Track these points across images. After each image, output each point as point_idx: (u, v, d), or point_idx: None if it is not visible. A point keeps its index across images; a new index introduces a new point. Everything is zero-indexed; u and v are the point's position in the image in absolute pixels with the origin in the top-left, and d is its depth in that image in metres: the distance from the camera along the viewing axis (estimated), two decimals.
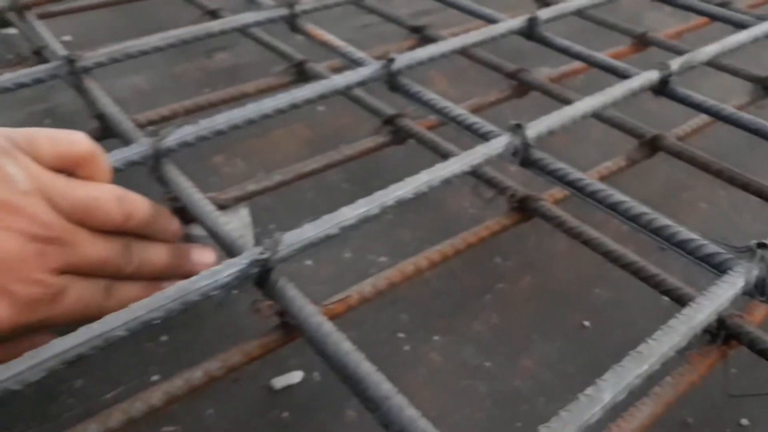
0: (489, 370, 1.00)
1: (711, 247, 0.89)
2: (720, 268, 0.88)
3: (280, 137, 1.53)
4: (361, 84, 1.27)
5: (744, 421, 0.95)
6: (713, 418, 0.95)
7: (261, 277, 0.81)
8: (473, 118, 1.17)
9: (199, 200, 0.96)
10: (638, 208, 0.96)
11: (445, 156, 1.24)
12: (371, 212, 0.90)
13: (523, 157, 1.08)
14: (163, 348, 1.01)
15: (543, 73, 1.63)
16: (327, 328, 0.77)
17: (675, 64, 1.31)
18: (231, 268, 0.79)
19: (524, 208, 1.15)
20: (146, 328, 0.74)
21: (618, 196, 0.98)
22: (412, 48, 1.57)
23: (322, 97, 1.21)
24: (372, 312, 1.04)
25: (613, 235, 1.04)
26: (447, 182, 1.00)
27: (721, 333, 0.91)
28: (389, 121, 1.40)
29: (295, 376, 0.97)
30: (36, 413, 0.92)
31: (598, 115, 1.34)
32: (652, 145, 1.37)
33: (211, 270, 0.78)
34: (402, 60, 1.34)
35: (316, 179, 1.25)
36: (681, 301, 0.99)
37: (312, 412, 0.93)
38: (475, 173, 1.19)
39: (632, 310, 1.12)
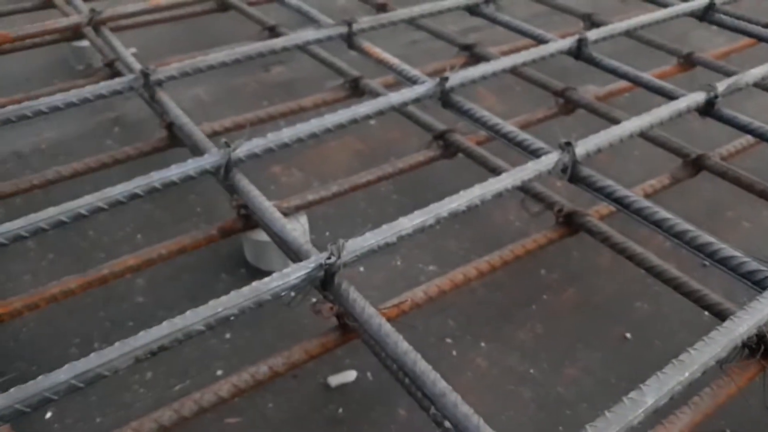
0: (533, 377, 1.05)
1: (753, 264, 0.93)
2: (761, 285, 0.91)
3: (333, 150, 1.61)
4: (416, 101, 1.33)
5: None
6: (751, 429, 0.98)
7: (325, 280, 0.88)
8: (523, 135, 1.22)
9: (267, 208, 1.03)
10: (682, 225, 1.00)
11: (493, 171, 1.30)
12: (427, 223, 0.96)
13: (572, 173, 1.13)
14: (227, 345, 1.09)
15: (590, 91, 1.67)
16: (387, 328, 0.83)
17: (721, 86, 1.34)
18: (300, 270, 0.85)
19: (570, 223, 1.20)
20: (221, 325, 0.81)
21: (663, 213, 1.02)
22: (461, 65, 1.63)
23: (380, 113, 1.27)
24: (422, 318, 1.10)
25: (656, 251, 1.08)
26: (498, 196, 1.05)
27: (760, 347, 0.95)
28: (440, 136, 1.46)
29: (350, 375, 1.03)
30: (111, 402, 1.00)
31: (644, 134, 1.38)
32: (696, 165, 1.40)
33: (281, 272, 0.85)
34: (455, 78, 1.40)
35: (367, 190, 1.32)
36: (721, 315, 1.02)
37: (365, 410, 1.00)
38: (523, 188, 1.25)
39: (672, 324, 1.15)
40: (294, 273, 0.85)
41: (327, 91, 1.57)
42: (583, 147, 1.12)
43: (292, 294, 0.85)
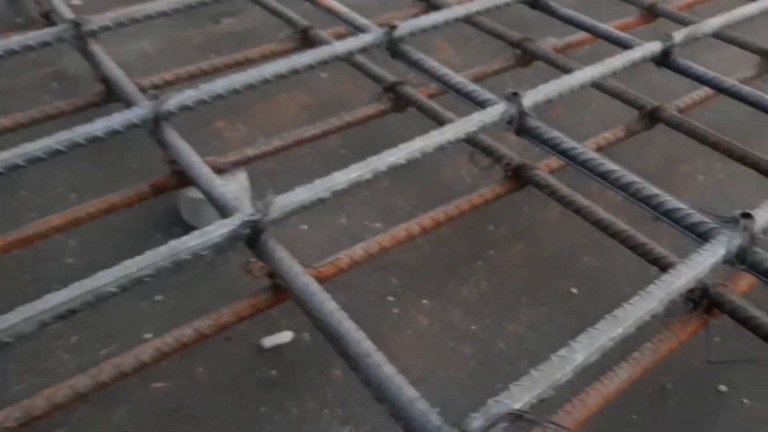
0: (475, 333, 1.02)
1: (697, 216, 0.90)
2: (704, 237, 0.88)
3: (281, 103, 1.55)
4: (363, 50, 1.27)
5: (722, 388, 0.97)
6: (692, 384, 0.97)
7: (252, 238, 0.84)
8: (472, 86, 1.17)
9: (196, 163, 0.98)
10: (628, 177, 0.96)
11: (444, 124, 1.26)
12: (363, 177, 0.92)
13: (519, 125, 1.09)
14: (157, 307, 1.05)
15: (549, 42, 1.62)
16: (313, 287, 0.79)
17: (678, 35, 1.30)
18: (222, 228, 0.81)
19: (518, 177, 1.16)
20: (137, 286, 0.77)
21: (609, 165, 0.98)
22: (417, 15, 1.57)
23: (323, 63, 1.21)
24: (364, 276, 1.06)
25: (607, 205, 1.05)
26: (441, 149, 1.01)
27: (703, 301, 0.93)
28: (390, 88, 1.40)
29: (285, 336, 1.00)
30: (32, 368, 0.95)
31: (598, 86, 1.34)
32: (652, 117, 1.37)
33: (202, 230, 0.81)
34: (405, 27, 1.33)
35: (315, 146, 1.27)
36: (666, 269, 1.00)
37: (300, 371, 0.96)
38: (472, 141, 1.20)
39: (620, 279, 1.13)
40: (216, 231, 0.80)
41: (276, 42, 1.51)
42: (531, 97, 1.08)
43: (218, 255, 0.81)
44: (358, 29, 1.36)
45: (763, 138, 1.23)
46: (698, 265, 0.80)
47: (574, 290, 1.11)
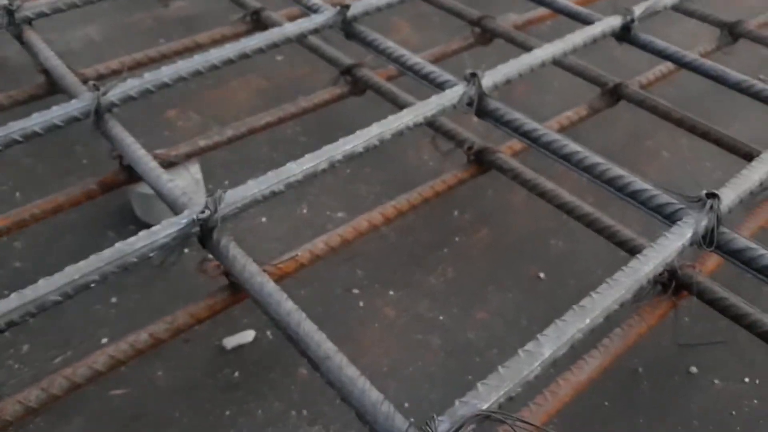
0: (443, 324, 1.00)
1: (662, 197, 0.88)
2: (671, 219, 0.87)
3: (235, 89, 1.49)
4: (315, 32, 1.22)
5: (693, 369, 0.96)
6: (663, 366, 0.96)
7: (204, 236, 0.80)
8: (430, 67, 1.13)
9: (143, 157, 0.93)
10: (592, 158, 0.94)
11: (403, 107, 1.22)
12: (319, 167, 0.88)
13: (479, 107, 1.05)
14: (113, 310, 1.00)
15: (510, 19, 1.59)
16: (269, 288, 0.75)
17: (638, 9, 1.28)
18: (170, 228, 0.76)
19: (481, 161, 1.13)
20: (82, 293, 0.72)
21: (572, 146, 0.96)
22: None
23: (274, 46, 1.16)
24: (327, 269, 1.03)
25: (573, 186, 1.03)
26: (399, 134, 0.97)
27: (671, 284, 0.92)
28: (347, 71, 1.35)
29: (248, 336, 0.96)
30: None
31: (559, 63, 1.31)
32: (615, 94, 1.35)
33: (149, 230, 0.76)
34: (358, 6, 1.28)
35: (273, 133, 1.22)
36: (634, 252, 0.98)
37: (263, 371, 0.93)
38: (433, 125, 1.17)
39: (588, 261, 1.11)
40: (164, 231, 0.76)
41: (227, 26, 1.45)
42: (490, 78, 1.04)
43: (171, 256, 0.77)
44: (310, 9, 1.31)
45: (726, 111, 1.22)
46: (665, 249, 0.79)
47: (542, 275, 1.09)
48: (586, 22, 1.32)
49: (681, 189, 1.23)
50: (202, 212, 0.77)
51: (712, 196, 0.83)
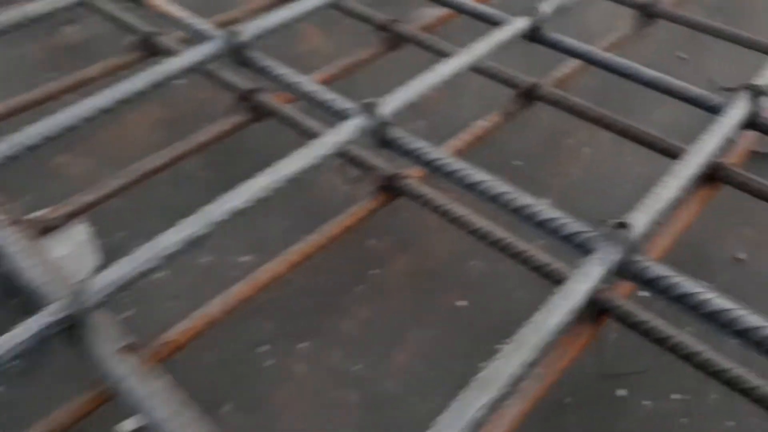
0: (359, 374, 0.93)
1: (572, 226, 0.82)
2: (584, 247, 0.82)
3: (131, 123, 1.37)
4: (201, 64, 1.13)
5: (621, 392, 0.92)
6: (590, 394, 0.92)
7: (72, 333, 0.72)
8: (327, 94, 1.05)
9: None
10: (498, 187, 0.88)
11: (305, 133, 1.14)
12: (199, 233, 0.80)
13: (380, 136, 0.98)
14: None
15: (426, 14, 1.52)
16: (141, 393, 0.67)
17: (547, 6, 1.22)
18: (24, 333, 0.68)
19: (390, 188, 1.07)
20: None
21: (476, 176, 0.89)
22: (268, 8, 1.43)
23: (157, 86, 1.07)
24: (230, 326, 0.95)
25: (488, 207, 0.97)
26: (292, 182, 0.90)
27: (591, 310, 0.88)
28: (245, 97, 1.27)
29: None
30: None
31: (476, 68, 1.25)
32: (529, 95, 1.29)
33: (3, 337, 0.68)
34: (250, 30, 1.19)
35: (172, 169, 1.14)
36: (550, 277, 0.94)
37: None
38: (340, 153, 1.10)
39: (509, 281, 1.05)
40: (17, 337, 0.67)
41: (117, 56, 1.35)
42: (390, 105, 0.98)
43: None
44: (197, 36, 1.21)
45: (648, 97, 1.18)
46: (573, 296, 0.73)
47: (463, 302, 1.04)
48: (492, 22, 1.26)
49: (605, 186, 1.19)
50: (63, 310, 0.69)
51: (623, 225, 0.79)
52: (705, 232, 1.16)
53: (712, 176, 1.08)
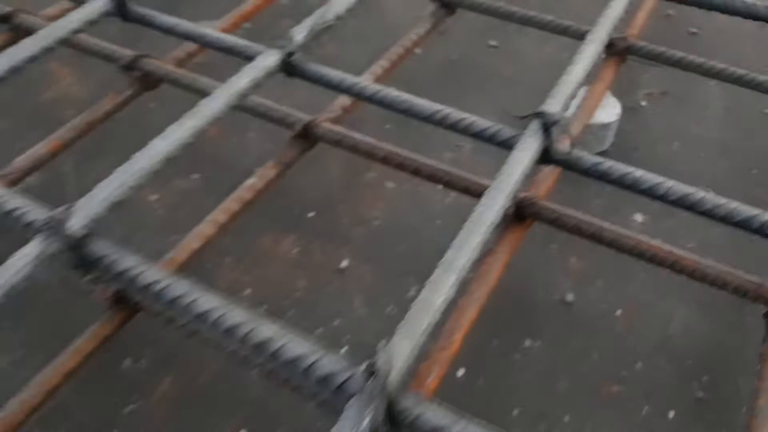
0: None
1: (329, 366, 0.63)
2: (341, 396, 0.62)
3: None
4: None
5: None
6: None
7: None
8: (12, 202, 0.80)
9: None
10: (231, 319, 0.67)
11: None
12: None
13: (75, 255, 0.74)
14: None
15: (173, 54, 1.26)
16: None
17: (299, 33, 1.00)
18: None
19: (122, 300, 0.84)
20: None
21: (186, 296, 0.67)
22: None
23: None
24: None
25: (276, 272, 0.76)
26: None
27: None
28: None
29: None
30: None
31: (240, 107, 1.02)
32: (308, 137, 1.08)
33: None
34: None
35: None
36: None
37: None
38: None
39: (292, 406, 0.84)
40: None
41: None
42: (81, 215, 0.73)
43: None
44: None
45: (460, 93, 0.99)
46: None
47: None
48: (244, 56, 1.02)
49: (408, 224, 1.02)
50: None
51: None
52: (528, 271, 1.00)
53: (521, 214, 0.92)
